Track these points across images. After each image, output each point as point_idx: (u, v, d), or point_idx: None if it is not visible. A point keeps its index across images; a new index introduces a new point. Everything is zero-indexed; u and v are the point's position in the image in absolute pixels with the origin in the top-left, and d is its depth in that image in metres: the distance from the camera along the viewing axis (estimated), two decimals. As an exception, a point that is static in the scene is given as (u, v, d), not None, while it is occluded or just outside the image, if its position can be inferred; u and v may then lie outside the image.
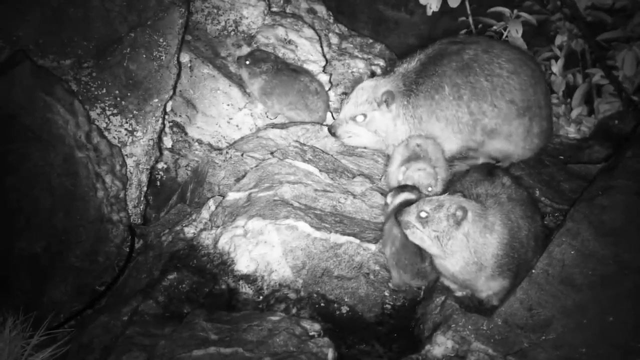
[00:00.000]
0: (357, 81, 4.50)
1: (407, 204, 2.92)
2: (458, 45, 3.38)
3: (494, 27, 4.24)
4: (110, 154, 3.66)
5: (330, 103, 4.48)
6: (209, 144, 4.27)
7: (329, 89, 4.51)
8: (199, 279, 3.05)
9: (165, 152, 4.23)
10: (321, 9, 4.97)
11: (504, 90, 3.29)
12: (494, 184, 2.74)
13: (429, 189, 3.08)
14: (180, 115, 4.27)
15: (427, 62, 3.39)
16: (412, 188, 3.06)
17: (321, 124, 4.07)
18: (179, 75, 4.04)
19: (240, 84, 4.29)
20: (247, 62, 4.13)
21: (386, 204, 3.08)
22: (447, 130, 3.35)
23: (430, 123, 3.35)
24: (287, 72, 4.16)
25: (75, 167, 3.48)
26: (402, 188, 3.06)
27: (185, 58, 4.26)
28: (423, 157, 3.20)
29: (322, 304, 2.94)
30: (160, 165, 4.22)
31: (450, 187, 2.93)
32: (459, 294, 2.77)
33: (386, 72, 4.14)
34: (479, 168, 2.92)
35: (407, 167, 3.16)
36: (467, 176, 2.87)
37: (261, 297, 3.00)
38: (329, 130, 3.50)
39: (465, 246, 2.56)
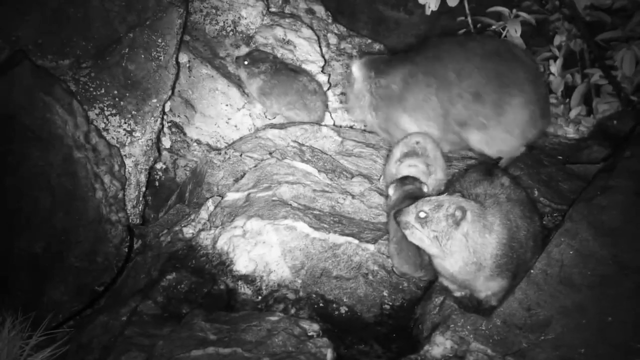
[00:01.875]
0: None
1: (410, 196, 2.94)
2: (438, 39, 3.55)
3: (493, 27, 4.24)
4: (108, 154, 3.67)
5: (328, 103, 4.48)
6: (208, 144, 4.27)
7: (328, 89, 4.51)
8: (198, 279, 3.05)
9: (164, 153, 4.23)
10: (320, 9, 4.97)
11: (472, 82, 3.31)
12: (492, 184, 2.74)
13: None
14: (178, 116, 4.27)
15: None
16: (414, 180, 3.08)
17: (320, 124, 4.07)
18: (177, 76, 4.05)
19: (239, 84, 4.29)
20: (246, 62, 4.13)
21: (387, 197, 3.12)
22: (419, 116, 3.39)
23: (399, 107, 3.43)
24: (285, 72, 4.16)
25: (74, 167, 3.48)
26: (403, 180, 3.08)
27: (183, 58, 4.26)
28: (421, 155, 3.21)
29: (320, 304, 2.94)
30: (159, 166, 4.22)
31: (449, 187, 2.93)
32: (457, 294, 2.77)
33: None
34: (478, 168, 2.92)
35: (400, 162, 3.17)
36: (466, 176, 2.87)
37: (260, 298, 3.00)
38: None
39: (464, 246, 2.55)
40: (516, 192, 2.73)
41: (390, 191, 3.11)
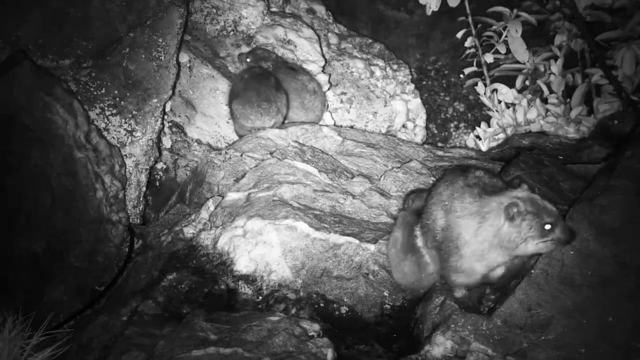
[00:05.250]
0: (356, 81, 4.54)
1: (415, 211, 2.92)
2: None
3: (494, 27, 4.25)
4: (109, 154, 3.66)
5: (329, 103, 4.48)
6: (208, 144, 4.27)
7: (328, 89, 4.51)
8: (198, 279, 3.05)
9: (165, 152, 4.23)
10: (320, 9, 4.97)
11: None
12: (467, 178, 2.70)
13: None
14: (179, 116, 4.27)
15: None
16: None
17: (320, 124, 4.07)
18: (178, 76, 4.05)
19: (240, 84, 4.28)
20: (248, 60, 4.13)
21: (403, 208, 3.08)
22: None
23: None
24: (284, 70, 4.15)
25: (74, 167, 3.48)
26: (419, 192, 3.09)
27: (184, 58, 4.26)
28: None
29: (321, 304, 2.94)
30: (159, 166, 4.22)
31: (428, 192, 2.87)
32: (458, 294, 2.77)
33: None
34: (454, 169, 2.87)
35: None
36: (443, 178, 2.82)
37: (260, 298, 2.99)
38: None
39: None
40: (491, 181, 2.70)
41: (408, 203, 3.08)
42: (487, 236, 2.49)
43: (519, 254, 2.51)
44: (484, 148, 4.40)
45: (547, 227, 2.43)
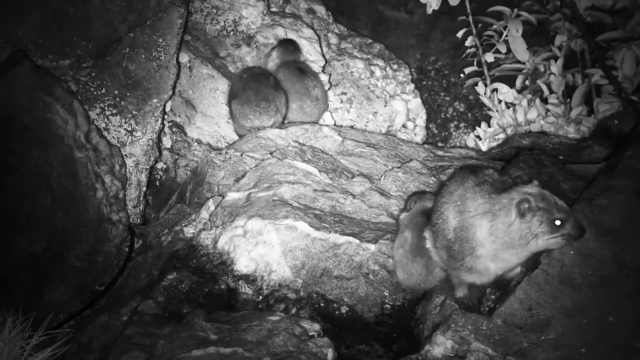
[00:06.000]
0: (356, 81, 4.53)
1: (423, 212, 2.92)
2: None
3: (494, 26, 4.25)
4: (109, 154, 3.66)
5: (329, 103, 4.48)
6: (209, 144, 4.27)
7: (329, 89, 4.51)
8: (199, 279, 3.05)
9: (165, 152, 4.23)
10: (320, 9, 4.97)
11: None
12: (478, 176, 2.69)
13: None
14: (179, 116, 4.27)
15: None
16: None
17: (320, 124, 4.07)
18: (178, 76, 4.05)
19: (239, 84, 4.28)
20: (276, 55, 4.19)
21: (405, 209, 3.07)
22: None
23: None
24: (291, 70, 4.15)
25: (74, 167, 3.48)
26: (421, 194, 3.08)
27: (184, 58, 4.26)
28: None
29: (321, 304, 2.94)
30: (159, 165, 4.22)
31: (438, 190, 2.87)
32: (459, 293, 2.77)
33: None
34: (462, 170, 2.87)
35: None
36: (452, 180, 2.81)
37: (261, 297, 3.00)
38: None
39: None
40: (501, 179, 2.69)
41: (411, 204, 3.07)
42: (499, 234, 2.46)
43: (530, 251, 2.50)
44: (484, 148, 4.40)
45: (558, 222, 2.40)
